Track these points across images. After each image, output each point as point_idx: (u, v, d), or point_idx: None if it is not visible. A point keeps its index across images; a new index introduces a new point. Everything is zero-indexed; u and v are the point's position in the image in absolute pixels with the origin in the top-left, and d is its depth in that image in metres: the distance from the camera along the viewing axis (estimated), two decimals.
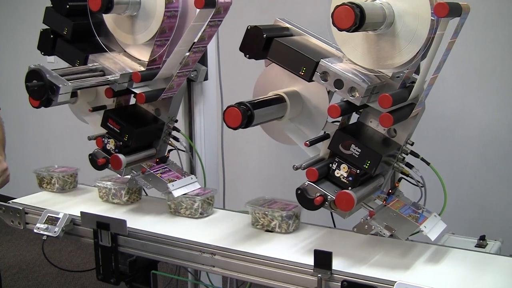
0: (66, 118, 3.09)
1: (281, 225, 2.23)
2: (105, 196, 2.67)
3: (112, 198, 2.65)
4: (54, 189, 2.85)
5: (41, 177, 2.89)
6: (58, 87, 2.18)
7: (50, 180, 2.86)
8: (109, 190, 2.64)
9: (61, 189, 2.86)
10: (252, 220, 2.31)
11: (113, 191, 2.63)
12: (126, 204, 2.64)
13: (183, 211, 2.45)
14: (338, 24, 1.73)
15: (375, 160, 1.89)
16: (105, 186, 2.65)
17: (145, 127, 2.51)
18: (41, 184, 2.90)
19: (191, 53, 2.29)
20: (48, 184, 2.87)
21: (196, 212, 2.43)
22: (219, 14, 2.19)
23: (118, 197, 2.63)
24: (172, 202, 2.47)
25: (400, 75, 2.00)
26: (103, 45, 2.46)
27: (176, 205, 2.46)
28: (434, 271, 1.92)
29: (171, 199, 2.46)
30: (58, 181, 2.85)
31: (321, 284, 1.89)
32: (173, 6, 2.33)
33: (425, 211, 2.08)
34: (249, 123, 1.95)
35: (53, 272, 4.26)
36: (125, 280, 2.44)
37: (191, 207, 2.43)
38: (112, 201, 2.65)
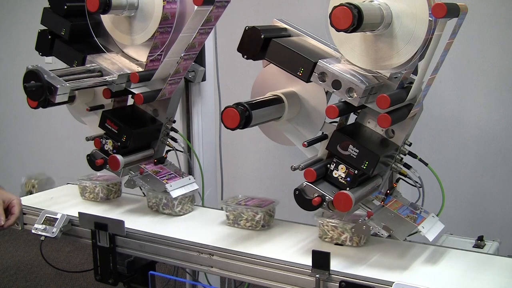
0: (64, 119, 3.09)
1: (353, 238, 2.12)
2: (155, 206, 2.55)
3: (163, 208, 2.52)
4: (98, 198, 2.73)
5: (83, 187, 2.75)
6: (56, 88, 2.18)
7: (94, 189, 2.72)
8: (159, 200, 2.52)
9: (105, 198, 2.74)
10: (320, 233, 2.18)
11: (164, 201, 2.50)
12: (178, 215, 2.51)
13: (243, 223, 2.32)
14: (336, 25, 1.73)
15: (373, 160, 1.89)
16: (155, 196, 2.52)
17: (143, 127, 2.50)
18: (83, 193, 2.76)
19: (181, 61, 2.30)
20: (91, 194, 2.73)
21: (258, 224, 2.29)
22: (210, 22, 2.21)
23: (169, 207, 2.50)
24: (231, 213, 2.33)
25: (398, 76, 1.99)
26: (101, 45, 2.46)
27: (235, 216, 2.33)
28: (432, 272, 1.92)
29: (230, 210, 2.34)
30: (102, 191, 2.72)
31: (319, 285, 1.89)
32: (169, 22, 2.35)
33: (423, 211, 2.08)
34: (247, 124, 1.95)
35: (51, 273, 4.25)
36: (123, 281, 2.43)
37: (253, 219, 2.30)
38: (163, 212, 2.52)
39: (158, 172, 2.52)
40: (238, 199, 2.41)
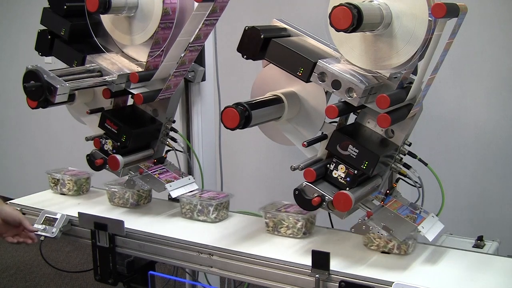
0: (64, 119, 3.09)
1: (400, 246, 2.04)
2: (188, 213, 2.45)
3: (197, 215, 2.43)
4: (127, 204, 2.64)
5: (111, 192, 2.67)
6: (56, 88, 2.18)
7: (124, 195, 2.64)
8: (194, 206, 2.43)
9: (136, 204, 2.64)
10: (365, 240, 2.11)
11: (199, 207, 2.43)
12: (214, 222, 2.42)
13: (283, 230, 2.23)
14: (336, 25, 1.73)
15: (373, 160, 1.89)
16: (189, 201, 2.44)
17: (142, 127, 2.50)
18: (111, 199, 2.68)
19: (187, 52, 2.29)
20: (121, 199, 2.64)
21: (299, 232, 2.21)
22: (215, 13, 2.19)
23: (205, 214, 2.43)
24: (271, 220, 2.24)
25: (398, 76, 1.99)
26: (100, 45, 2.46)
27: (275, 223, 2.24)
28: (431, 272, 1.92)
29: (269, 217, 2.25)
30: (132, 196, 2.62)
31: (318, 285, 1.89)
32: (170, 18, 2.34)
33: (423, 211, 2.08)
34: (246, 124, 1.95)
35: (50, 273, 4.25)
36: (123, 281, 2.43)
37: (294, 226, 2.22)
38: (198, 219, 2.43)
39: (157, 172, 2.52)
40: (277, 205, 2.33)
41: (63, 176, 2.84)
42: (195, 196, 2.44)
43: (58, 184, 2.84)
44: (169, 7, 2.33)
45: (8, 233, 2.29)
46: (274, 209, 2.27)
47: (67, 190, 2.83)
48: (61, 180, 2.83)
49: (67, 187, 2.83)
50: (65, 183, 2.82)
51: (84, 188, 2.87)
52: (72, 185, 2.82)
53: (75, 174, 2.88)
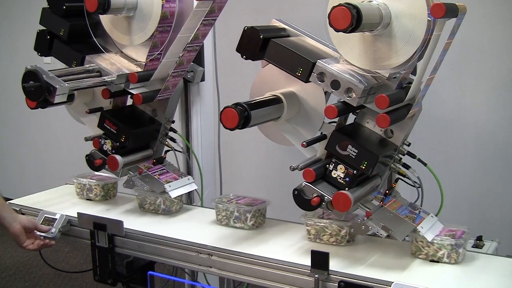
0: (63, 119, 3.09)
1: (450, 254, 1.97)
2: (224, 220, 2.36)
3: (234, 222, 2.34)
4: (159, 210, 2.53)
5: (142, 198, 2.56)
6: (55, 88, 2.18)
7: (155, 201, 2.53)
8: (231, 213, 2.34)
9: (168, 210, 2.53)
10: (412, 249, 2.03)
11: (236, 214, 2.33)
12: (251, 229, 2.33)
13: (326, 238, 2.16)
14: (335, 25, 1.73)
15: (372, 160, 1.89)
16: (225, 208, 2.35)
17: (142, 128, 2.50)
18: (142, 205, 2.58)
19: (185, 53, 2.29)
20: (152, 205, 2.54)
21: (343, 239, 2.13)
22: (213, 13, 2.19)
23: (242, 220, 2.33)
24: (313, 227, 2.16)
25: (397, 76, 1.99)
26: (99, 46, 2.46)
27: (317, 231, 2.15)
28: (431, 272, 1.92)
29: (311, 224, 2.16)
30: (164, 202, 2.52)
31: (318, 285, 1.89)
32: (168, 22, 2.35)
33: (422, 211, 2.07)
34: (246, 124, 1.95)
35: (50, 273, 4.25)
36: (122, 281, 2.43)
37: (338, 234, 2.15)
38: (234, 225, 2.34)
39: (157, 172, 2.52)
40: (316, 212, 2.20)
41: (90, 181, 2.73)
42: (231, 203, 2.35)
43: (84, 190, 2.74)
44: (168, 11, 2.33)
45: (26, 242, 2.32)
46: (315, 217, 2.18)
47: (94, 196, 2.73)
48: (87, 185, 2.73)
49: (94, 192, 2.73)
50: (92, 189, 2.72)
51: (111, 193, 2.78)
52: (100, 190, 2.72)
53: (102, 179, 2.78)
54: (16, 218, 2.28)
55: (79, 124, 2.70)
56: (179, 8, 2.38)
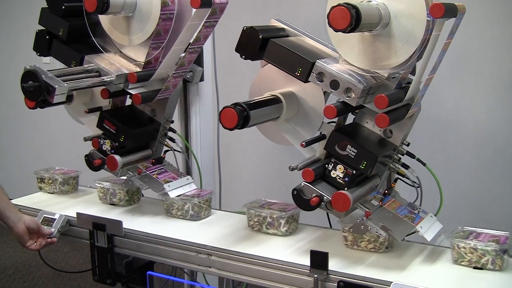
0: (62, 119, 3.09)
1: (495, 261, 1.91)
2: (256, 226, 2.28)
3: (267, 228, 2.26)
4: (187, 216, 2.45)
5: (169, 203, 2.49)
6: (54, 88, 2.17)
7: (183, 206, 2.46)
8: (263, 219, 2.26)
9: (196, 216, 2.46)
10: (454, 256, 1.98)
11: (269, 220, 2.25)
12: (284, 235, 2.24)
13: (364, 244, 2.08)
14: (334, 25, 1.73)
15: (371, 160, 1.89)
16: (258, 214, 2.27)
17: (141, 128, 2.50)
18: (169, 210, 2.50)
19: (186, 54, 2.29)
20: (179, 211, 2.47)
21: (382, 246, 2.06)
22: (215, 15, 2.19)
23: (275, 226, 2.24)
24: (350, 234, 2.08)
25: (396, 76, 1.99)
26: (99, 46, 2.46)
27: (355, 237, 2.09)
28: (430, 272, 1.92)
29: (348, 230, 2.06)
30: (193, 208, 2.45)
31: (317, 285, 1.89)
32: (169, 9, 2.33)
33: (421, 211, 2.07)
34: (245, 124, 1.95)
35: (49, 273, 4.25)
36: (121, 281, 2.43)
37: (376, 240, 2.08)
38: (267, 231, 2.26)
39: (156, 172, 2.51)
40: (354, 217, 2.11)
41: (114, 186, 2.65)
42: (264, 208, 2.28)
43: (107, 194, 2.67)
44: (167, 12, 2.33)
45: (29, 242, 2.33)
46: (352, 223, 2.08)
47: (117, 200, 2.65)
48: (111, 190, 2.65)
49: (118, 197, 2.65)
50: (116, 193, 2.64)
51: (136, 198, 2.70)
52: (124, 194, 2.64)
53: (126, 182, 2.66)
54: (21, 218, 2.29)
55: (78, 124, 2.70)
56: (177, 10, 2.37)
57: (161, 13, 2.30)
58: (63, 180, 2.86)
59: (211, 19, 2.20)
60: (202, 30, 2.22)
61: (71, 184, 2.89)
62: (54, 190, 2.86)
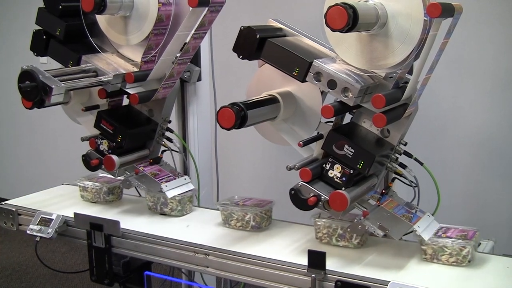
0: (59, 119, 3.09)
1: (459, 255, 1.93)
2: (326, 238, 2.15)
3: (337, 240, 2.13)
4: (248, 227, 2.31)
5: (227, 213, 2.33)
6: (51, 88, 2.17)
7: (244, 217, 2.30)
8: (333, 230, 2.13)
9: (257, 227, 2.31)
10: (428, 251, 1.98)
11: (339, 232, 2.12)
12: (356, 248, 2.11)
13: (445, 258, 1.95)
14: (331, 25, 1.73)
15: (369, 160, 1.89)
16: (328, 225, 2.14)
17: (138, 128, 2.50)
18: (227, 221, 2.34)
19: (175, 65, 2.31)
20: (239, 221, 2.32)
21: (465, 259, 1.93)
22: (204, 27, 2.22)
23: (346, 239, 2.11)
24: (429, 247, 1.96)
25: (393, 76, 1.99)
26: (96, 46, 2.45)
27: (435, 251, 1.96)
28: (427, 271, 1.92)
29: (428, 244, 1.96)
30: (254, 218, 2.30)
31: (315, 284, 1.89)
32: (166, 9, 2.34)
33: (419, 211, 2.08)
34: (242, 124, 1.95)
35: (46, 274, 4.24)
36: (119, 281, 2.43)
37: (459, 254, 1.94)
38: (337, 244, 2.12)
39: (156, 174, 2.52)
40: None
41: (164, 195, 2.47)
42: (334, 219, 2.16)
43: (158, 204, 2.51)
44: (164, 14, 2.32)
45: None
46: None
47: (169, 210, 2.49)
48: (162, 199, 2.50)
49: (170, 206, 2.49)
50: (167, 202, 2.48)
51: (188, 208, 2.55)
52: (176, 204, 2.48)
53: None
54: None
55: (75, 124, 2.70)
56: (175, 11, 2.37)
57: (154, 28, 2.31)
58: (108, 189, 2.69)
59: (199, 31, 2.23)
60: (191, 42, 2.24)
61: (115, 193, 2.73)
62: (98, 199, 2.70)
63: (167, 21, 2.36)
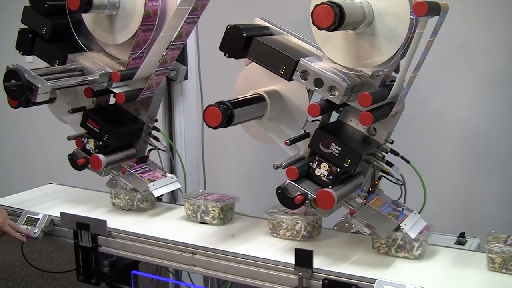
0: (45, 118, 3.07)
1: None
2: (384, 248, 2.04)
3: (396, 251, 2.03)
4: (298, 236, 2.20)
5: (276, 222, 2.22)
6: (37, 87, 2.17)
7: (294, 226, 2.20)
8: (393, 241, 2.02)
9: (308, 236, 2.20)
10: None
11: (399, 243, 2.01)
12: (416, 259, 2.00)
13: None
14: (318, 23, 1.73)
15: (355, 158, 1.89)
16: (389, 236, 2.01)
17: (125, 127, 2.50)
18: (275, 230, 2.23)
19: (168, 51, 2.28)
20: (289, 231, 2.21)
21: None
22: (197, 11, 2.19)
23: (407, 250, 2.01)
24: (499, 256, 1.87)
25: (380, 74, 2.00)
26: (82, 44, 2.44)
27: (505, 260, 1.87)
28: (414, 269, 1.93)
29: (497, 252, 1.87)
30: (305, 228, 2.19)
31: (302, 283, 1.89)
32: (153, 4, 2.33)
33: (405, 209, 2.08)
34: (229, 123, 1.94)
35: (32, 274, 4.21)
36: (106, 281, 2.42)
37: None
38: (396, 255, 2.02)
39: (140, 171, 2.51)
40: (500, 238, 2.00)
41: (206, 202, 2.38)
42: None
43: (198, 212, 2.39)
44: (151, 10, 2.32)
45: None
46: None
47: (210, 219, 2.37)
48: (202, 207, 2.37)
49: (211, 215, 2.37)
50: (209, 211, 2.36)
51: (230, 216, 2.43)
52: (218, 212, 2.35)
53: (218, 199, 2.42)
54: None
55: (62, 123, 2.68)
56: (161, 7, 2.37)
57: (141, 24, 2.31)
58: (142, 196, 2.56)
59: (192, 15, 2.20)
60: (184, 27, 2.22)
61: (150, 200, 2.59)
62: (131, 207, 2.57)
63: (155, 16, 2.36)
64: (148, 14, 2.31)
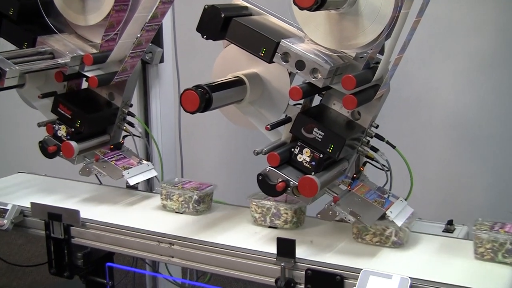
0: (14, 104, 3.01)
1: None
2: (489, 253, 1.86)
3: (503, 257, 1.84)
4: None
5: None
6: (5, 71, 2.15)
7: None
8: (500, 245, 1.84)
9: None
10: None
11: (508, 247, 1.84)
12: None
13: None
14: (299, 3, 1.69)
15: (339, 143, 1.86)
16: (492, 239, 1.86)
17: (98, 112, 2.46)
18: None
19: (143, 32, 2.25)
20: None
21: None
22: (156, 19, 2.20)
23: None
24: None
25: (364, 56, 1.97)
26: (52, 26, 2.39)
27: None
28: (401, 257, 1.90)
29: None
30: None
31: (284, 273, 1.86)
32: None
33: (391, 196, 2.05)
34: (207, 107, 1.90)
35: (2, 267, 4.15)
36: (79, 274, 2.38)
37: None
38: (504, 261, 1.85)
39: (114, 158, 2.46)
40: None
41: (278, 205, 2.17)
42: (499, 232, 1.89)
43: (267, 215, 2.18)
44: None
45: None
46: None
47: (282, 223, 2.17)
48: (273, 210, 2.17)
49: (283, 218, 2.17)
50: (281, 214, 2.17)
51: (302, 219, 2.23)
52: (291, 215, 2.16)
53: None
54: None
55: (31, 109, 2.61)
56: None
57: (115, 4, 2.25)
58: (199, 198, 2.33)
59: (152, 23, 2.21)
60: (159, 7, 2.18)
61: (206, 202, 2.38)
62: (186, 209, 2.34)
63: None
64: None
